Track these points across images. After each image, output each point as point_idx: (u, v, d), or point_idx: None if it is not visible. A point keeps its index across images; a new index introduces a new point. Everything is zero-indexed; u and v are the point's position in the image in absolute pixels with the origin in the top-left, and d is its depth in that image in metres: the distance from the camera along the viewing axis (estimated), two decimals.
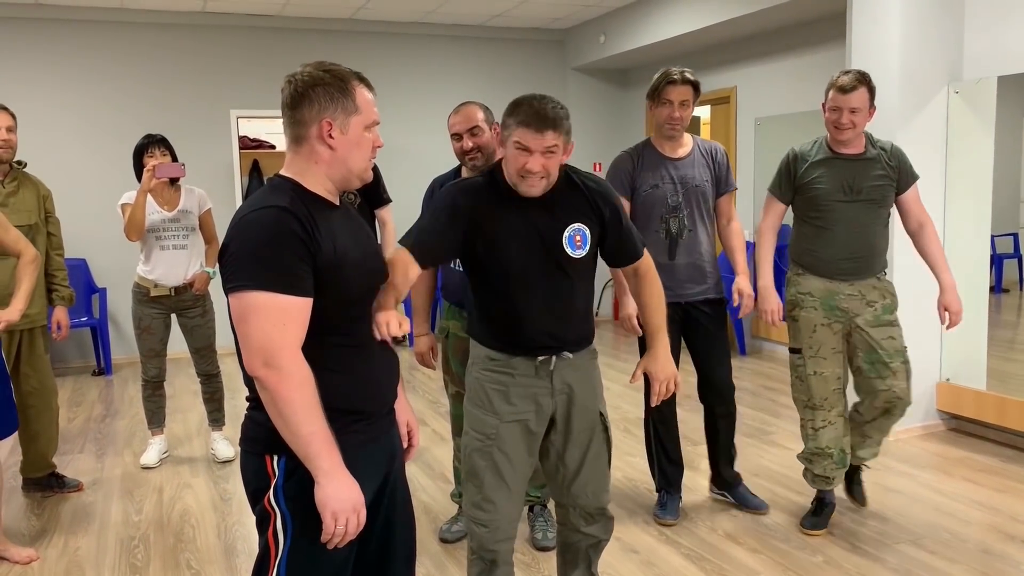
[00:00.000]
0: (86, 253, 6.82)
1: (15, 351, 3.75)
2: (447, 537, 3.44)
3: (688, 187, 3.46)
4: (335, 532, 1.67)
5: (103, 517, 3.79)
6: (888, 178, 3.26)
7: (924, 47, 4.43)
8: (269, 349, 1.62)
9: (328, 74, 1.74)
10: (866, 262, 3.28)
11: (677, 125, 3.42)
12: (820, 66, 6.15)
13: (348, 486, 1.67)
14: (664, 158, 3.48)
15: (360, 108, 1.76)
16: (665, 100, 3.38)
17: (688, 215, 3.46)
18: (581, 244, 2.33)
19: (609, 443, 2.52)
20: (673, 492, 3.65)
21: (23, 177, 3.88)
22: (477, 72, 7.93)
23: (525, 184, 2.23)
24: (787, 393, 5.57)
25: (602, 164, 8.54)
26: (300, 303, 1.66)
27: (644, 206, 3.46)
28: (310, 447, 1.63)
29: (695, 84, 3.41)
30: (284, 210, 1.67)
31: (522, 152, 2.20)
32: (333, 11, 7.18)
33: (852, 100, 3.13)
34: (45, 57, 6.77)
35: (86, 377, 6.66)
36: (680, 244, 3.47)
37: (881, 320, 3.28)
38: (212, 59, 7.23)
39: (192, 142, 7.02)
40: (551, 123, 2.17)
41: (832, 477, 3.41)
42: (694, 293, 3.50)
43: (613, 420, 5.06)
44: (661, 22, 6.83)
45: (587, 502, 2.48)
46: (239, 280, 1.64)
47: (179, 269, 4.26)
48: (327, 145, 1.75)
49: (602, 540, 2.58)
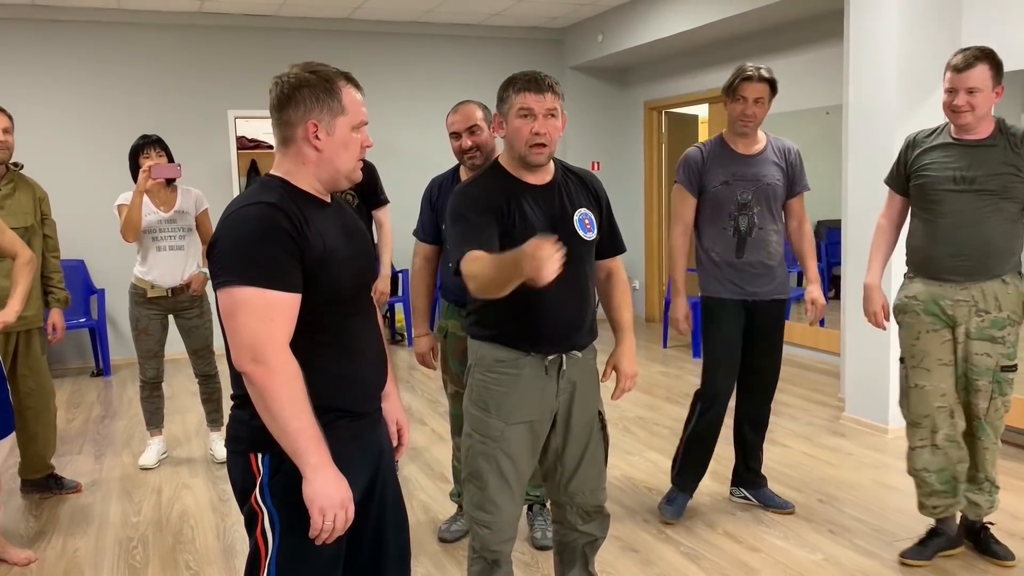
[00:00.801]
0: (84, 254, 6.81)
1: (12, 353, 3.74)
2: (446, 536, 3.43)
3: (759, 185, 3.37)
4: (323, 528, 1.66)
5: (102, 518, 3.78)
6: (1015, 168, 2.86)
7: (922, 44, 4.42)
8: (256, 344, 1.61)
9: (314, 75, 1.74)
10: (981, 262, 2.89)
11: (750, 122, 3.36)
12: (818, 64, 6.14)
13: (336, 482, 1.66)
14: (736, 155, 3.41)
15: (347, 108, 1.76)
16: (740, 96, 3.34)
17: (758, 213, 3.37)
18: (590, 227, 2.38)
19: (606, 441, 2.52)
20: (686, 493, 3.62)
21: (19, 179, 3.87)
22: (475, 71, 7.92)
23: (534, 152, 2.27)
24: (788, 391, 5.59)
25: (600, 163, 8.53)
26: (288, 299, 1.65)
27: (713, 202, 3.40)
28: (298, 443, 1.63)
29: (771, 82, 3.36)
30: (273, 206, 1.67)
31: (527, 118, 2.25)
32: (330, 11, 7.17)
33: (970, 79, 2.81)
34: (41, 58, 6.76)
35: (84, 378, 6.66)
36: (749, 242, 3.38)
37: (985, 333, 2.92)
38: (209, 59, 7.22)
39: (190, 142, 7.01)
40: (548, 86, 2.26)
41: (935, 507, 3.08)
42: (761, 293, 3.42)
43: (612, 419, 5.06)
44: (659, 20, 6.82)
45: (584, 500, 2.48)
46: (227, 275, 1.64)
47: (176, 270, 4.26)
48: (313, 146, 1.75)
49: (599, 538, 2.57)
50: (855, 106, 4.69)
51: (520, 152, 2.29)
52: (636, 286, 8.57)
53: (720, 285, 3.43)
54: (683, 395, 5.60)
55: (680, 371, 6.30)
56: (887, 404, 4.53)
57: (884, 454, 4.27)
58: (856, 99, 4.68)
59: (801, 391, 5.60)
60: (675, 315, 3.50)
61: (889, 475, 4.01)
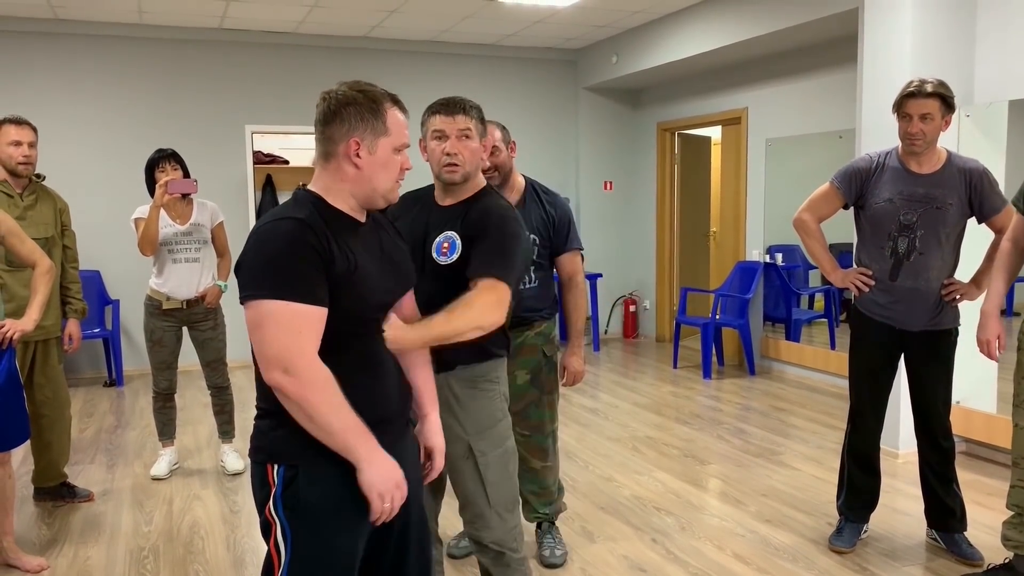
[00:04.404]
0: (100, 265, 6.88)
1: (29, 361, 3.78)
2: (454, 553, 3.44)
3: (928, 208, 3.12)
4: (383, 510, 1.74)
5: (113, 527, 3.81)
6: None
7: (935, 70, 4.44)
8: (285, 356, 1.64)
9: (362, 94, 1.78)
10: None
11: (918, 141, 3.08)
12: (831, 88, 6.18)
13: (388, 466, 1.74)
14: (907, 173, 3.17)
15: (390, 130, 1.79)
16: (905, 114, 3.08)
17: (922, 237, 3.13)
18: (447, 252, 2.36)
19: (480, 476, 2.44)
20: (854, 523, 3.49)
21: (41, 190, 3.93)
22: (490, 91, 7.99)
23: (447, 171, 2.38)
24: (797, 413, 5.59)
25: (613, 183, 8.57)
26: (314, 311, 1.68)
27: (873, 220, 3.21)
28: (346, 441, 1.68)
29: (943, 96, 3.05)
30: (300, 222, 1.70)
31: (440, 139, 2.38)
32: (349, 29, 7.25)
33: None
34: (62, 71, 6.85)
35: (97, 388, 6.70)
36: (906, 265, 3.17)
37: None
38: (228, 74, 7.30)
39: (207, 156, 7.09)
40: (460, 108, 2.38)
41: (1019, 543, 2.99)
42: (910, 322, 3.24)
43: (621, 439, 5.06)
44: (673, 43, 6.88)
45: (468, 530, 2.53)
46: (253, 289, 1.67)
47: (191, 282, 4.30)
48: (353, 164, 1.78)
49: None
50: (868, 131, 4.71)
51: (435, 172, 2.43)
52: (647, 306, 8.58)
53: (872, 302, 3.30)
54: (692, 415, 5.60)
55: (689, 391, 6.30)
56: (898, 428, 4.52)
57: (895, 479, 4.26)
58: (869, 123, 4.70)
59: (811, 413, 5.59)
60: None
61: (899, 500, 4.00)
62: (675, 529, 3.70)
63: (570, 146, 8.52)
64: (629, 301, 8.62)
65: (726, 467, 4.54)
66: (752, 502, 4.01)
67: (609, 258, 8.59)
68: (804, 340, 6.79)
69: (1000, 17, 4.47)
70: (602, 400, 6.09)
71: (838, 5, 5.22)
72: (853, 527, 3.49)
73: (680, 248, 8.32)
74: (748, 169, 7.07)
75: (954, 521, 3.37)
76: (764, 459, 4.67)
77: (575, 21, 7.09)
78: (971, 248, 3.34)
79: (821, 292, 6.72)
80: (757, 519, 3.80)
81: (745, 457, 4.70)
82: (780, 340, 6.89)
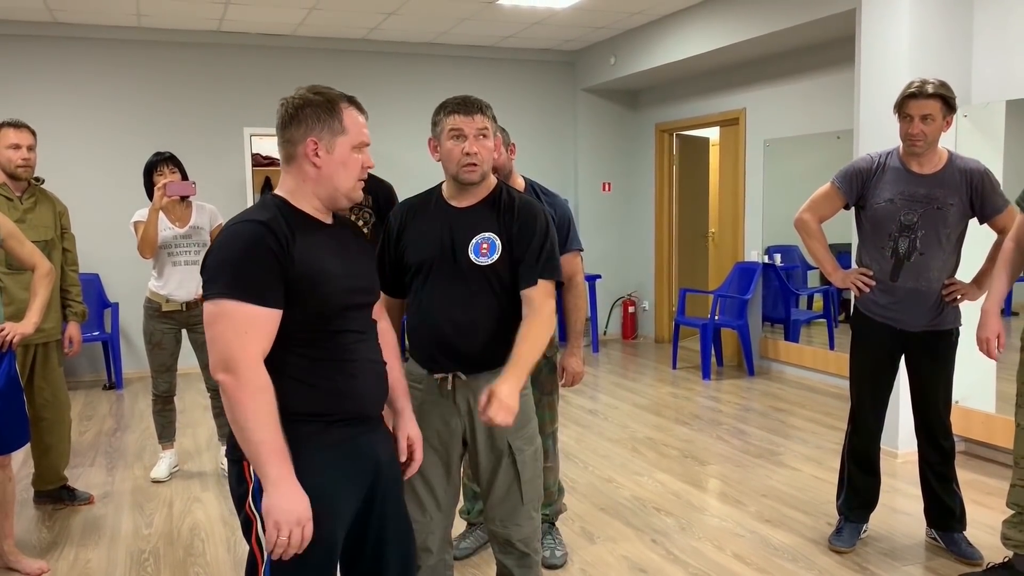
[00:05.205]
0: (99, 268, 6.88)
1: (30, 364, 3.78)
2: (456, 554, 3.44)
3: (928, 208, 3.13)
4: (277, 542, 1.69)
5: (113, 530, 3.81)
6: None
7: (933, 71, 4.46)
8: (229, 355, 1.67)
9: (318, 96, 1.82)
10: None
11: (918, 141, 3.08)
12: (829, 89, 6.19)
13: (294, 498, 1.68)
14: (908, 173, 3.17)
15: (347, 129, 1.83)
16: (906, 115, 3.08)
17: (923, 237, 3.14)
18: (487, 252, 2.37)
19: (519, 477, 2.43)
20: (853, 522, 3.49)
21: (40, 194, 3.93)
22: (488, 93, 7.99)
23: (465, 171, 2.34)
24: (796, 414, 5.59)
25: (611, 184, 8.58)
26: (266, 313, 1.71)
27: (874, 220, 3.21)
28: (259, 455, 1.67)
29: (944, 97, 3.05)
30: (262, 224, 1.74)
31: (458, 139, 2.32)
32: (347, 31, 7.26)
33: None
34: (61, 74, 6.86)
35: (97, 391, 6.70)
36: (906, 266, 3.18)
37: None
38: (227, 77, 7.31)
39: (206, 159, 7.10)
40: (478, 108, 2.34)
41: (1018, 542, 3.00)
42: (911, 323, 3.24)
43: (619, 439, 5.07)
44: (671, 44, 6.89)
45: (496, 529, 2.49)
46: (212, 287, 1.72)
47: (190, 285, 4.31)
48: (313, 163, 1.82)
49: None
50: (866, 131, 4.72)
51: (452, 172, 2.37)
52: (646, 307, 8.59)
53: (873, 302, 3.30)
54: (692, 416, 5.61)
55: (689, 392, 6.31)
56: (897, 428, 4.53)
57: (894, 478, 4.27)
58: (867, 124, 4.72)
59: (811, 414, 5.60)
60: (840, 283, 3.28)
61: (898, 500, 4.01)
62: (675, 530, 3.71)
63: (568, 147, 8.53)
64: (628, 302, 8.63)
65: (726, 468, 4.54)
66: (752, 502, 4.01)
67: (608, 259, 8.60)
68: (803, 340, 6.80)
69: (997, 17, 4.49)
70: (601, 401, 6.09)
71: (836, 6, 5.23)
72: (853, 527, 3.50)
73: (679, 249, 8.34)
74: (746, 170, 7.08)
75: (953, 520, 3.37)
76: (764, 459, 4.68)
77: (573, 22, 7.10)
78: (972, 248, 3.35)
79: (820, 292, 6.73)
80: (757, 519, 3.81)
81: (745, 457, 4.71)
82: (779, 341, 6.90)
